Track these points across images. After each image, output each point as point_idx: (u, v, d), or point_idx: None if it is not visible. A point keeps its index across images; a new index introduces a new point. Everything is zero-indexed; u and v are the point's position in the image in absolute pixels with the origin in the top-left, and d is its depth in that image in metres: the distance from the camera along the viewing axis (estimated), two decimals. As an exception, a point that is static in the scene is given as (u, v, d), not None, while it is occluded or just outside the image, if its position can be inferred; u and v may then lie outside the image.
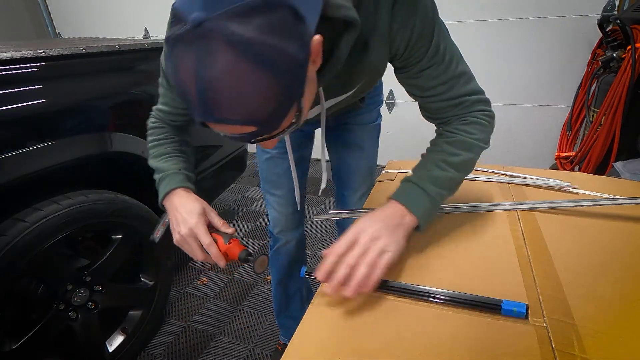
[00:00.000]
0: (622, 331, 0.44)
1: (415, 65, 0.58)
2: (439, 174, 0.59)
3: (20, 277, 0.92)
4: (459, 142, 0.60)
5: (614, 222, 0.68)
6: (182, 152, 0.74)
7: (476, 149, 0.61)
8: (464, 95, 0.60)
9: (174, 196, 0.66)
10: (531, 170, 0.92)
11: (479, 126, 0.61)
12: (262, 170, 1.00)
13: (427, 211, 0.59)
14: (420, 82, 0.60)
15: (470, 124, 0.61)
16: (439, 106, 0.62)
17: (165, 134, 0.74)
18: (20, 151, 0.89)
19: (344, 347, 0.45)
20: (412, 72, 0.59)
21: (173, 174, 0.68)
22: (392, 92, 2.70)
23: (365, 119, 0.96)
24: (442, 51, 0.56)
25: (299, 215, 1.07)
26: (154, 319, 1.31)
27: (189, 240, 0.61)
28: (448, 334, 0.45)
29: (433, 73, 0.58)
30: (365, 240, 0.52)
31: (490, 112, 0.63)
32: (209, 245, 0.60)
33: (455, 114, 0.62)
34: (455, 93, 0.59)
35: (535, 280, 0.53)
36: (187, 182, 0.69)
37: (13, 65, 0.92)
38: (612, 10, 2.02)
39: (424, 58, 0.56)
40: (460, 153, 0.60)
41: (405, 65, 0.59)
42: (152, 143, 0.74)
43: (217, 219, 0.64)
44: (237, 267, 1.78)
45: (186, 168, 0.71)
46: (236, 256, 0.60)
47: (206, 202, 0.66)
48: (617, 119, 1.52)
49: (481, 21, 2.31)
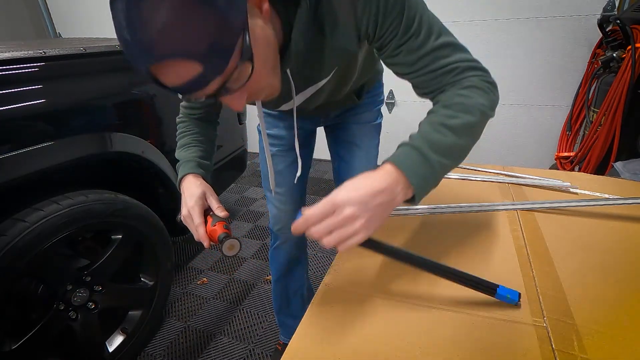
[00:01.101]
0: (622, 331, 0.44)
1: (391, 42, 0.55)
2: (439, 139, 0.53)
3: (20, 277, 0.92)
4: (456, 104, 0.54)
5: (614, 222, 0.68)
6: (199, 142, 0.78)
7: (477, 113, 0.54)
8: (453, 62, 0.55)
9: (184, 181, 0.71)
10: (531, 170, 0.92)
11: (477, 90, 0.55)
12: (263, 167, 1.01)
13: (426, 181, 0.52)
14: (400, 59, 0.57)
15: (467, 88, 0.55)
16: (427, 78, 0.57)
17: (186, 126, 0.79)
18: (20, 151, 0.89)
19: (344, 347, 0.45)
20: (390, 50, 0.56)
21: (186, 162, 0.74)
22: (392, 92, 2.70)
23: (365, 118, 0.96)
24: (418, 23, 0.53)
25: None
26: (153, 319, 1.31)
27: (187, 221, 0.67)
28: (448, 334, 0.45)
29: (412, 46, 0.55)
30: (339, 220, 0.47)
31: (489, 79, 0.57)
32: (198, 225, 0.64)
33: (449, 82, 0.57)
34: (443, 63, 0.55)
35: (535, 280, 0.53)
36: (196, 169, 0.73)
37: (13, 65, 0.92)
38: (612, 10, 2.02)
39: (397, 33, 0.54)
40: (459, 115, 0.53)
41: (382, 44, 0.57)
42: (177, 137, 0.79)
43: (214, 203, 0.68)
44: (237, 267, 1.78)
45: (200, 156, 0.76)
46: (215, 238, 0.63)
47: (210, 187, 0.71)
48: (617, 119, 1.52)
49: (481, 21, 2.31)
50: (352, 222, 0.47)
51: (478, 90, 0.55)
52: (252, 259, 1.84)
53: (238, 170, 1.87)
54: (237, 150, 1.77)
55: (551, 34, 2.18)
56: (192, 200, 0.67)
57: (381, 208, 0.49)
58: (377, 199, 0.49)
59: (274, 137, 0.96)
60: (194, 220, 0.65)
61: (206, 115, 0.81)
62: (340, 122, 0.97)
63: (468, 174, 0.92)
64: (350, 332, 0.47)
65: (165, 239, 1.28)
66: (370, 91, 0.93)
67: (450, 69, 0.56)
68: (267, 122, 0.96)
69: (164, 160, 1.28)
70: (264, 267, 1.77)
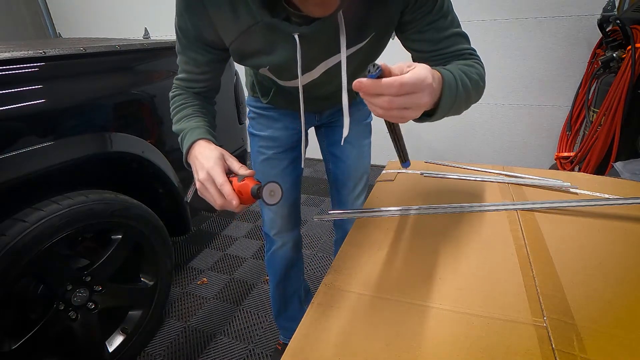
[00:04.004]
0: (622, 331, 0.44)
1: (425, 17, 0.60)
2: (466, 81, 0.56)
3: (20, 277, 0.92)
4: (470, 65, 0.61)
5: (614, 222, 0.68)
6: (203, 113, 0.73)
7: (481, 80, 0.61)
8: (465, 50, 0.63)
9: (194, 148, 0.65)
10: (531, 170, 0.92)
11: (478, 66, 0.62)
12: (257, 171, 1.00)
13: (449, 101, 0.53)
14: (428, 35, 0.62)
15: (469, 65, 0.61)
16: (444, 60, 0.63)
17: (185, 99, 0.74)
18: (20, 151, 0.89)
19: (344, 347, 0.45)
20: (421, 25, 0.61)
21: (192, 130, 0.68)
22: (392, 92, 2.70)
23: (357, 116, 0.96)
24: (447, 6, 0.60)
25: (295, 216, 1.06)
26: (153, 319, 1.31)
27: (207, 185, 0.59)
28: (448, 334, 0.45)
29: (441, 25, 0.61)
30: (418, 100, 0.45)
31: (482, 63, 0.65)
32: (223, 183, 0.57)
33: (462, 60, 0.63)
34: (459, 48, 0.62)
35: (535, 280, 0.53)
36: (206, 134, 0.67)
37: (13, 65, 0.92)
38: (612, 10, 2.02)
39: (432, 10, 0.59)
40: (475, 67, 0.61)
41: (415, 17, 0.61)
42: (173, 111, 0.74)
43: (236, 164, 0.62)
44: (237, 267, 1.78)
45: (206, 124, 0.70)
46: (249, 192, 0.56)
47: (226, 150, 0.64)
48: (617, 119, 1.53)
49: (481, 21, 2.31)
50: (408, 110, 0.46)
51: (478, 66, 0.62)
52: (252, 259, 1.84)
53: (238, 170, 1.87)
54: (237, 150, 1.77)
55: (551, 34, 2.18)
56: (210, 161, 0.60)
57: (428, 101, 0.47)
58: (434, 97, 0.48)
59: (269, 139, 0.94)
60: (217, 179, 0.57)
61: (206, 91, 0.77)
62: (332, 121, 0.98)
63: (468, 174, 0.92)
64: (350, 332, 0.47)
65: (165, 239, 1.28)
66: None
67: (461, 53, 0.63)
68: (259, 124, 0.95)
69: (164, 160, 1.28)
70: (263, 267, 1.77)
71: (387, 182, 0.91)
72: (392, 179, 0.92)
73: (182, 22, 0.64)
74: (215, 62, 0.72)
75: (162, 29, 3.28)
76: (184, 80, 0.75)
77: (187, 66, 0.72)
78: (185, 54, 0.70)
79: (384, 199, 0.82)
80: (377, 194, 0.86)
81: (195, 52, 0.69)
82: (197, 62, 0.71)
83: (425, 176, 0.92)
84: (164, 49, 1.31)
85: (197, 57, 0.69)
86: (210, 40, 0.66)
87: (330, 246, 1.92)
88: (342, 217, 1.00)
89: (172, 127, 0.73)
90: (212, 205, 0.60)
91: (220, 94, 0.73)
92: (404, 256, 0.61)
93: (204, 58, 0.70)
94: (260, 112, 0.94)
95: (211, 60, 0.71)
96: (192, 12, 0.62)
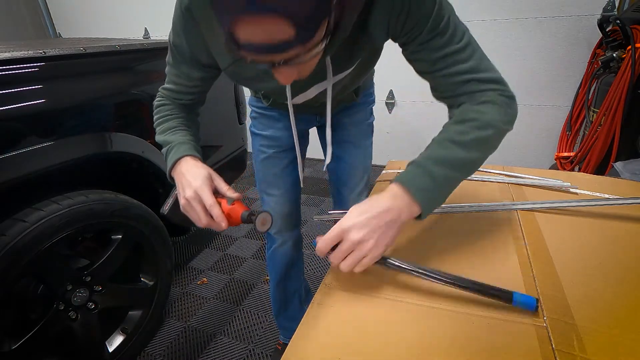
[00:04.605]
0: (622, 331, 0.44)
1: (416, 38, 0.56)
2: (445, 153, 0.54)
3: (20, 277, 0.92)
4: (469, 120, 0.55)
5: (614, 222, 0.68)
6: (187, 126, 0.74)
7: (491, 128, 0.54)
8: (473, 72, 0.56)
9: (181, 164, 0.66)
10: (531, 170, 0.92)
11: (493, 105, 0.55)
12: (258, 170, 1.00)
13: (431, 196, 0.53)
14: (423, 55, 0.57)
15: (483, 104, 0.56)
16: (446, 83, 0.58)
17: (171, 110, 0.74)
18: (20, 151, 0.89)
19: (344, 347, 0.45)
20: (414, 46, 0.57)
21: (179, 144, 0.68)
22: (392, 92, 2.70)
23: (359, 117, 0.97)
24: (445, 23, 0.54)
25: (296, 215, 1.07)
26: (153, 319, 1.31)
27: (193, 204, 0.60)
28: (448, 334, 0.45)
29: (435, 45, 0.55)
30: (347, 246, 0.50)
31: (507, 92, 0.57)
32: (212, 205, 0.59)
33: (465, 92, 0.57)
34: (463, 68, 0.56)
35: (535, 280, 0.53)
36: (193, 151, 0.68)
37: (13, 65, 0.92)
38: (612, 10, 2.02)
39: (424, 29, 0.55)
40: (470, 131, 0.54)
41: (407, 40, 0.58)
42: (158, 120, 0.74)
43: (223, 185, 0.63)
44: (237, 267, 1.78)
45: (192, 140, 0.71)
46: (239, 217, 0.59)
47: (212, 169, 0.65)
48: (617, 119, 1.53)
49: (480, 22, 2.31)
50: (360, 246, 0.50)
51: (494, 106, 0.55)
52: (252, 259, 1.84)
53: (238, 170, 1.87)
54: (237, 151, 1.77)
55: (551, 34, 2.18)
56: (198, 180, 0.61)
57: (388, 227, 0.51)
58: (382, 219, 0.51)
59: (270, 139, 0.95)
60: (205, 200, 0.59)
61: (193, 104, 0.77)
62: (334, 121, 0.98)
63: (468, 174, 0.92)
64: (350, 332, 0.47)
65: (165, 239, 1.28)
66: (363, 91, 0.94)
67: (467, 79, 0.56)
68: (261, 124, 0.96)
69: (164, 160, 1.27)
70: (263, 267, 1.77)
71: (387, 182, 0.91)
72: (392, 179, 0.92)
73: (178, 40, 0.65)
74: (208, 78, 0.73)
75: (162, 29, 3.28)
76: (171, 91, 0.74)
77: (178, 79, 0.72)
78: (177, 67, 0.70)
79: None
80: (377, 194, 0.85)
81: (189, 68, 0.69)
82: (190, 77, 0.71)
83: (425, 176, 0.92)
84: (164, 49, 1.30)
85: (190, 72, 0.70)
86: (205, 61, 0.67)
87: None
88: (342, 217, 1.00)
89: (156, 137, 0.73)
90: (189, 221, 0.63)
91: (221, 94, 0.74)
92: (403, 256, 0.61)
93: (197, 74, 0.70)
94: (262, 112, 0.95)
95: (204, 77, 0.72)
96: (188, 34, 0.63)
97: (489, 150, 0.56)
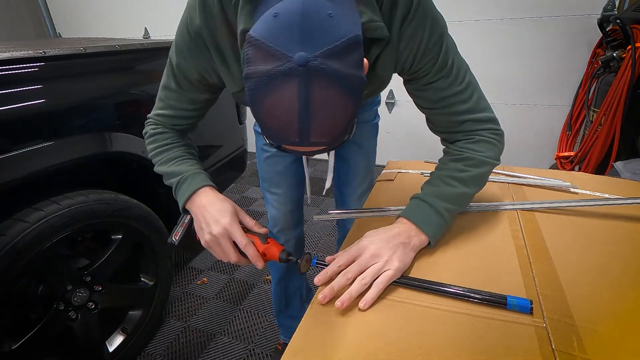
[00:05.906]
0: (622, 331, 0.44)
1: (422, 78, 0.59)
2: (447, 190, 0.60)
3: (20, 277, 0.92)
4: (466, 159, 0.61)
5: (614, 222, 0.68)
6: (192, 154, 0.72)
7: (485, 166, 0.61)
8: (470, 112, 0.60)
9: (200, 195, 0.63)
10: (531, 170, 0.92)
11: (486, 144, 0.61)
12: (261, 168, 1.00)
13: (437, 227, 0.59)
14: (427, 94, 0.61)
15: (478, 143, 0.61)
16: (445, 120, 0.63)
17: (170, 138, 0.70)
18: (20, 151, 0.89)
19: (344, 347, 0.45)
20: (419, 85, 0.61)
21: (194, 174, 0.65)
22: (392, 92, 2.70)
23: (364, 117, 0.96)
24: (450, 65, 0.58)
25: (299, 214, 1.07)
26: (153, 319, 1.31)
27: (221, 241, 0.59)
28: (448, 334, 0.45)
29: (440, 86, 0.59)
30: (366, 257, 0.53)
31: (498, 131, 0.63)
32: (247, 245, 0.58)
33: (462, 131, 0.62)
34: (462, 108, 0.60)
35: (535, 280, 0.53)
36: (209, 181, 0.66)
37: (13, 65, 0.91)
38: (612, 10, 2.02)
39: (431, 71, 0.58)
40: (468, 169, 0.61)
41: (413, 78, 0.61)
42: (157, 150, 0.70)
43: (249, 219, 0.62)
44: (237, 267, 1.78)
45: (201, 168, 0.69)
46: (276, 256, 0.59)
47: (234, 202, 0.64)
48: (617, 119, 1.52)
49: (481, 21, 2.31)
50: (376, 259, 0.53)
51: (487, 144, 0.61)
52: (252, 259, 1.84)
53: (238, 170, 1.87)
54: (237, 150, 1.77)
55: (551, 34, 2.18)
56: (226, 216, 0.59)
57: (401, 248, 0.55)
58: (395, 240, 0.56)
59: None
60: (238, 239, 0.58)
61: (189, 128, 0.75)
62: None
63: (468, 174, 0.92)
64: (351, 332, 0.47)
65: (165, 239, 1.28)
66: None
67: (466, 119, 0.61)
68: None
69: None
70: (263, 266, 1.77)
71: (387, 182, 0.91)
72: (392, 179, 0.92)
73: (184, 62, 0.61)
74: (212, 100, 0.71)
75: (162, 29, 3.28)
76: (168, 117, 0.70)
77: (179, 103, 0.68)
78: (179, 92, 0.66)
79: (384, 198, 0.82)
80: (377, 194, 0.86)
81: (194, 91, 0.66)
82: (194, 101, 0.68)
83: (425, 176, 0.92)
84: (164, 49, 1.31)
85: (195, 95, 0.67)
86: (212, 81, 0.64)
87: (331, 246, 1.92)
88: (342, 217, 1.00)
89: (156, 167, 0.69)
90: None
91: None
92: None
93: (202, 96, 0.68)
94: None
95: (208, 98, 0.70)
96: (197, 56, 0.60)
97: (483, 184, 0.64)
